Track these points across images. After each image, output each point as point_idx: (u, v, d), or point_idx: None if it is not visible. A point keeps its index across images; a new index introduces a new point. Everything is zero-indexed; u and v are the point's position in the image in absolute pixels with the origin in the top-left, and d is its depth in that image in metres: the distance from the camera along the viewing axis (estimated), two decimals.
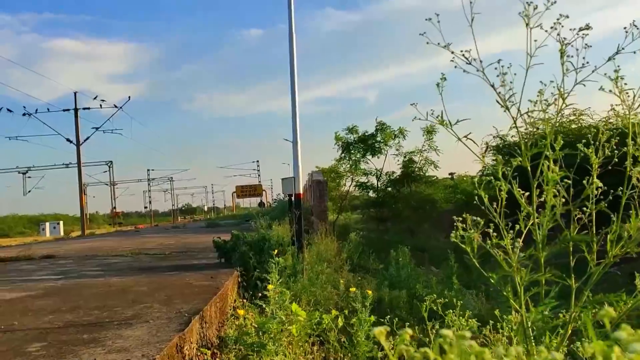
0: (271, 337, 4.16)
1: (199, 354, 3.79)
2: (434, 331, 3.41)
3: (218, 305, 4.85)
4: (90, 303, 4.81)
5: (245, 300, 6.24)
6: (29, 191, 50.03)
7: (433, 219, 24.36)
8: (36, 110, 38.88)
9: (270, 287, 4.58)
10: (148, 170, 76.37)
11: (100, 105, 40.51)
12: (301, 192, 10.83)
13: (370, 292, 5.48)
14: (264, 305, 4.57)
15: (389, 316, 4.35)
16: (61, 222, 50.52)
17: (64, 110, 40.36)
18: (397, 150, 24.46)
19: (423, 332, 3.66)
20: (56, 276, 7.36)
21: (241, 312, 4.67)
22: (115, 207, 65.59)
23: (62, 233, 44.80)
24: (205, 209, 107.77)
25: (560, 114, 1.94)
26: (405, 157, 24.67)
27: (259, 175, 76.37)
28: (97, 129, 40.73)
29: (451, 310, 3.62)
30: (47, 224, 48.03)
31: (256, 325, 4.30)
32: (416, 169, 24.82)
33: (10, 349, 3.22)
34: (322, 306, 6.81)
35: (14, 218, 61.35)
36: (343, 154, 24.73)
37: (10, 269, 8.99)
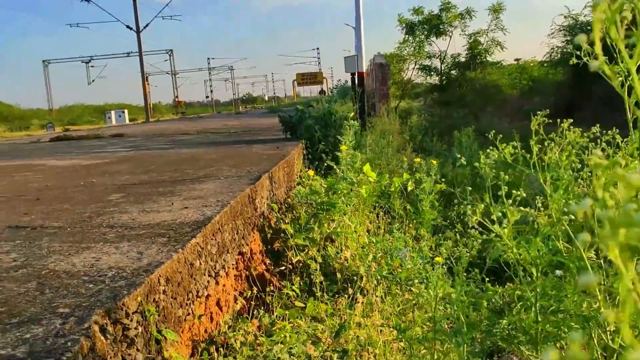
0: (340, 197, 4.16)
1: (270, 209, 3.83)
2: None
3: (285, 169, 4.86)
4: (162, 167, 4.91)
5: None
6: (93, 80, 51.21)
7: (497, 104, 23.58)
8: None
9: (342, 147, 4.53)
10: (208, 59, 76.47)
11: None
12: (364, 70, 10.57)
13: (434, 162, 5.38)
14: (334, 166, 4.54)
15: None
16: (126, 111, 51.71)
17: None
18: (462, 30, 23.37)
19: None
20: (127, 149, 7.57)
21: (311, 172, 4.67)
22: (177, 96, 66.67)
23: (127, 121, 46.09)
24: (266, 98, 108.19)
25: None
26: (470, 38, 23.59)
27: (319, 63, 75.32)
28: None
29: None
30: (113, 112, 49.28)
31: (326, 186, 4.30)
32: (482, 51, 23.76)
33: (94, 198, 3.33)
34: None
35: (80, 107, 63.22)
36: (406, 36, 23.86)
37: (83, 144, 9.33)
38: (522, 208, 1.67)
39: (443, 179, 7.47)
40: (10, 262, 1.94)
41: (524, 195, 1.68)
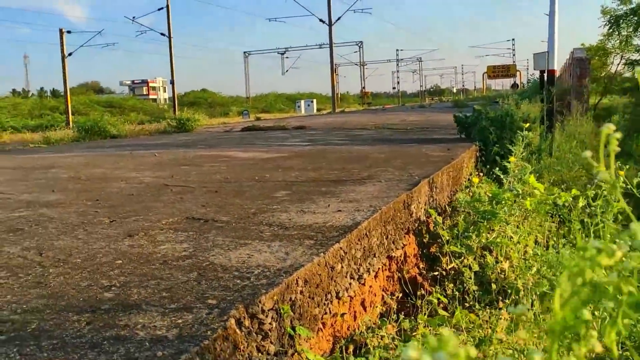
0: (504, 207, 4.08)
1: (427, 215, 3.89)
2: None
3: (451, 174, 4.87)
4: (332, 165, 5.19)
5: (481, 174, 6.17)
6: (287, 70, 54.34)
7: None
8: None
9: (512, 159, 4.44)
10: (397, 50, 77.22)
11: None
12: (555, 68, 10.00)
13: (622, 172, 4.99)
14: (502, 177, 4.46)
15: None
16: (314, 100, 54.23)
17: None
18: None
19: None
20: (305, 143, 8.06)
21: (475, 179, 4.63)
22: (364, 87, 68.28)
23: (315, 110, 48.28)
24: (454, 90, 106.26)
25: None
26: None
27: (513, 55, 72.25)
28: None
29: None
30: (302, 101, 51.96)
31: (490, 195, 4.24)
32: None
33: (262, 194, 3.67)
34: (566, 186, 6.44)
35: (274, 96, 67.36)
36: (611, 29, 21.91)
37: (267, 135, 10.08)
38: None
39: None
40: (181, 252, 2.27)
41: None
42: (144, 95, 70.69)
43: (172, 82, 32.33)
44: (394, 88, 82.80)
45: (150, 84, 78.88)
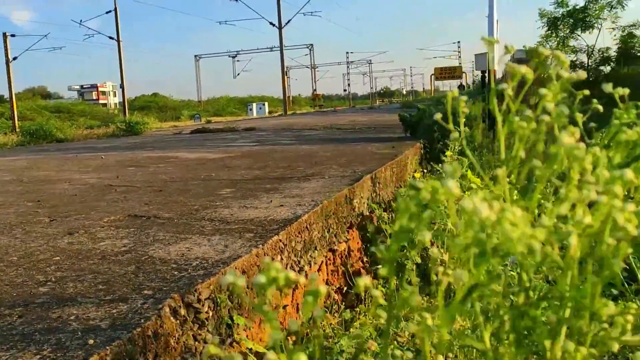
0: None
1: (371, 210, 3.98)
2: None
3: (394, 170, 4.98)
4: (278, 163, 5.24)
5: (425, 171, 6.32)
6: (238, 74, 54.07)
7: None
8: None
9: (448, 153, 4.57)
10: (347, 52, 77.85)
11: None
12: (496, 68, 10.28)
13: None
14: (441, 171, 4.59)
15: None
16: (266, 103, 54.24)
17: None
18: (612, 22, 21.79)
19: None
20: (253, 143, 8.08)
21: (417, 175, 4.75)
22: (315, 90, 68.57)
23: (266, 113, 48.24)
24: (404, 92, 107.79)
25: None
26: (623, 31, 21.93)
27: (459, 57, 73.79)
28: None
29: None
30: (254, 104, 51.87)
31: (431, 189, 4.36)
32: (636, 45, 22.01)
33: (207, 191, 3.69)
34: None
35: (225, 99, 66.97)
36: (549, 31, 22.71)
37: (217, 137, 10.05)
38: None
39: None
40: (121, 247, 2.28)
41: None
42: (93, 100, 69.20)
43: (122, 87, 31.73)
44: (345, 90, 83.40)
45: (100, 89, 77.30)
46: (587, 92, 0.69)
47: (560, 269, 0.56)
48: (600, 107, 0.68)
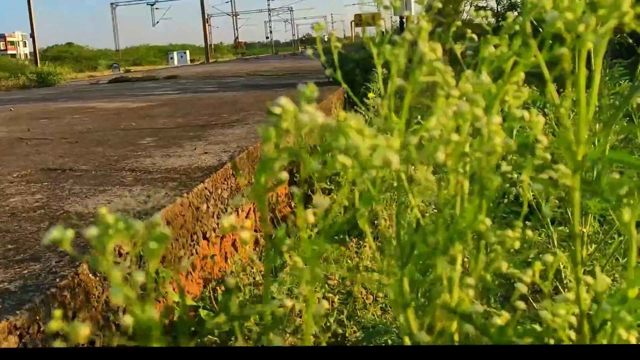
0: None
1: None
2: None
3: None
4: (201, 111, 5.06)
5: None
6: (157, 22, 51.88)
7: None
8: None
9: (370, 95, 4.54)
10: (268, 0, 76.13)
11: None
12: (413, 13, 10.34)
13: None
14: (364, 114, 4.58)
15: None
16: (187, 52, 52.43)
17: None
18: None
19: None
20: (175, 91, 7.79)
21: (342, 115, 4.71)
22: (237, 38, 66.98)
23: (188, 62, 46.78)
24: (326, 39, 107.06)
25: None
26: None
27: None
28: None
29: None
30: (175, 53, 50.08)
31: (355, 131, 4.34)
32: None
33: (126, 141, 3.51)
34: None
35: (145, 48, 64.25)
36: None
37: (136, 86, 9.63)
38: None
39: None
40: (33, 203, 2.12)
41: None
42: (1, 51, 64.78)
43: (32, 36, 29.69)
44: (267, 38, 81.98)
45: (8, 39, 72.25)
46: (458, 23, 0.68)
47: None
48: (476, 37, 0.65)
